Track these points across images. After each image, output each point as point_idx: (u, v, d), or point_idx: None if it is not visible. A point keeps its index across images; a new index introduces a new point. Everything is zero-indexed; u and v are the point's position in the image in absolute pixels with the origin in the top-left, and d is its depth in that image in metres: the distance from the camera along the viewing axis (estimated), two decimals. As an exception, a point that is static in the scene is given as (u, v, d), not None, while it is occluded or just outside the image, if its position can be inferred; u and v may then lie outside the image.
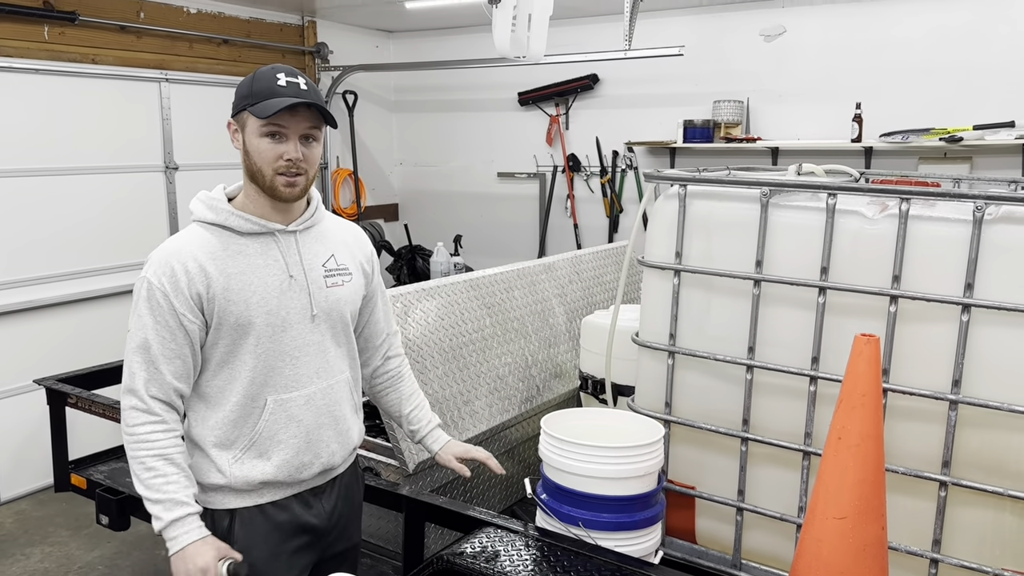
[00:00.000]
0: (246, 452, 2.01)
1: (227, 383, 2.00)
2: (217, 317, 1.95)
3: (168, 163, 5.46)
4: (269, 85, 1.94)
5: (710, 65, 5.97)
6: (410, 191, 7.63)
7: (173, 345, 1.93)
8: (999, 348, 2.24)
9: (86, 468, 3.56)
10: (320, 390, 2.09)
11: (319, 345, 2.08)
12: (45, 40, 4.85)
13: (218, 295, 1.93)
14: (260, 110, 1.92)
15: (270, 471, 2.02)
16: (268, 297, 1.99)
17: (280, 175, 1.95)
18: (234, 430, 2.01)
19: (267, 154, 1.94)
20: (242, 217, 1.99)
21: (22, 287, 4.77)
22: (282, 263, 2.02)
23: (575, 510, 2.36)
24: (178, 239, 1.99)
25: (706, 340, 2.68)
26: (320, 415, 2.09)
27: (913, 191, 2.28)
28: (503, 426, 3.24)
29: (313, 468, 2.09)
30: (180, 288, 1.91)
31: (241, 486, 2.02)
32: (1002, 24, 5.05)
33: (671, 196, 2.69)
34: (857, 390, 2.06)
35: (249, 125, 1.95)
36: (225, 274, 1.95)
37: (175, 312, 1.91)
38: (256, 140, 1.95)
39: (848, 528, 2.08)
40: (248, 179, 2.01)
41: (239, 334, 1.97)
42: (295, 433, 2.04)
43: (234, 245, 1.98)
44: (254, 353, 1.99)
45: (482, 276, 3.40)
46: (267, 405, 2.01)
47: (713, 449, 2.73)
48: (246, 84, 1.98)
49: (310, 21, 6.62)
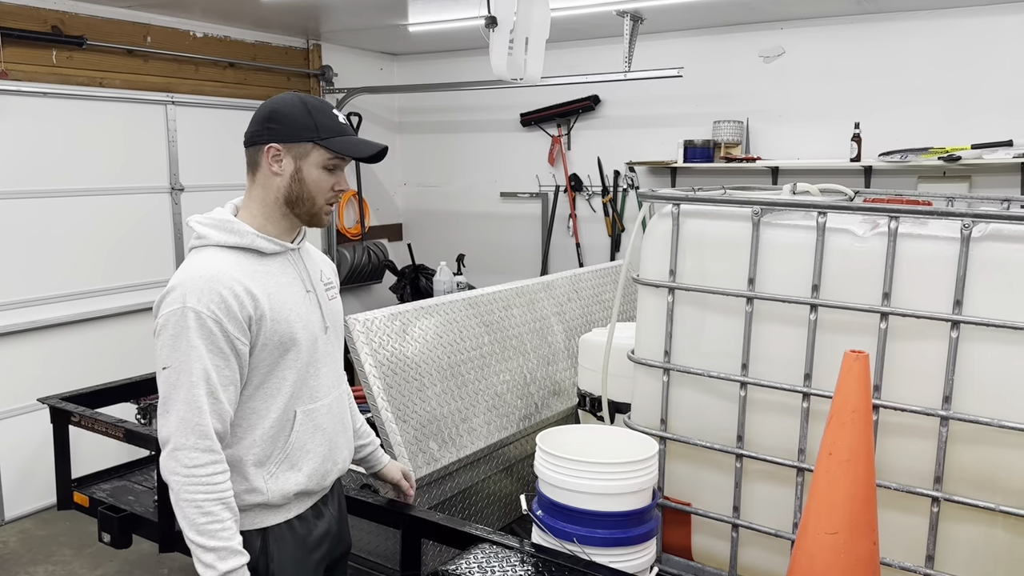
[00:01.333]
0: (280, 466, 2.03)
1: (266, 400, 2.01)
2: (263, 337, 1.96)
3: (174, 184, 5.53)
4: (334, 122, 2.04)
5: (710, 86, 6.03)
6: (414, 211, 7.69)
7: (228, 372, 1.91)
8: (989, 364, 2.26)
9: (89, 486, 3.59)
10: (336, 398, 2.18)
11: (332, 356, 2.18)
12: (53, 64, 4.94)
13: (265, 315, 1.95)
14: (343, 147, 2.01)
15: (302, 481, 2.06)
16: (302, 312, 2.05)
17: (327, 204, 2.08)
18: (270, 445, 2.02)
19: (324, 185, 2.04)
20: (266, 239, 2.03)
21: (29, 307, 4.83)
22: (299, 279, 2.10)
23: (570, 526, 2.38)
24: (209, 265, 1.94)
25: (700, 357, 2.70)
26: (336, 422, 2.17)
27: (901, 209, 2.31)
28: (501, 443, 3.26)
29: (333, 474, 2.18)
30: (233, 312, 1.89)
31: (278, 500, 2.03)
32: (1000, 44, 5.10)
33: (665, 215, 2.72)
34: (847, 406, 2.09)
35: (313, 157, 2.01)
36: (266, 294, 1.97)
37: (229, 338, 1.89)
38: (316, 171, 2.02)
39: (840, 543, 2.09)
40: (283, 202, 2.04)
41: (282, 351, 2.00)
42: (321, 441, 2.11)
43: (262, 266, 2.01)
44: (294, 368, 2.03)
45: (481, 294, 3.44)
46: (297, 416, 2.05)
47: (708, 466, 2.75)
48: (303, 114, 2.01)
49: (315, 45, 6.70)
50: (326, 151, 2.01)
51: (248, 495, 2.00)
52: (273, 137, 2.01)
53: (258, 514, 2.03)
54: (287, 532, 2.08)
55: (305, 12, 5.60)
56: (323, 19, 5.91)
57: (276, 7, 5.30)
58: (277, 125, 2.01)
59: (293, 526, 2.09)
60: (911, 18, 5.32)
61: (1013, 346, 2.21)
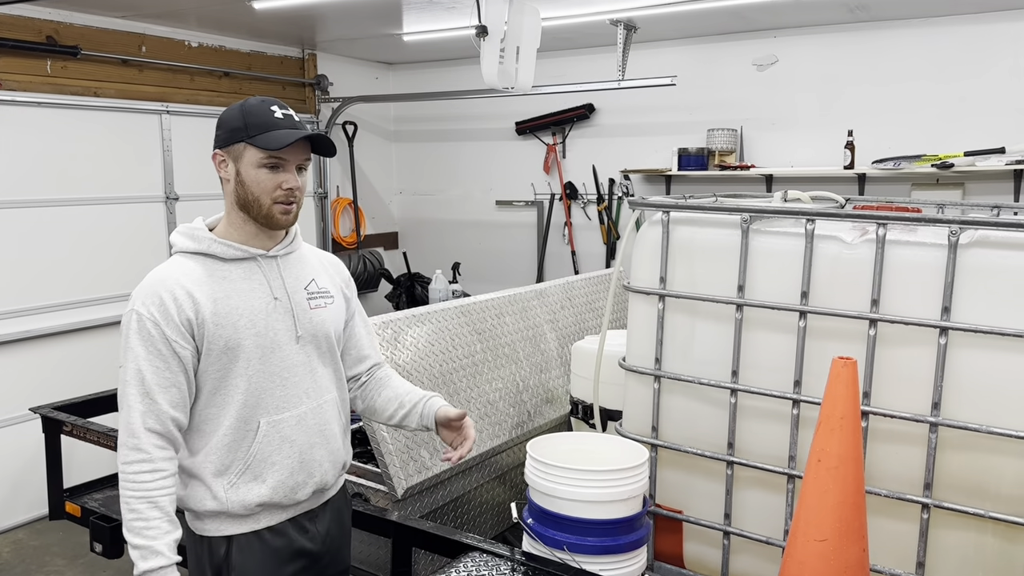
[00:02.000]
0: (241, 476, 2.03)
1: (220, 409, 2.02)
2: (207, 342, 1.98)
3: (169, 194, 5.54)
4: (267, 118, 2.01)
5: (704, 94, 6.05)
6: (409, 219, 7.70)
7: (167, 374, 1.95)
8: (977, 370, 2.26)
9: (81, 496, 3.58)
10: (310, 410, 2.12)
11: (307, 365, 2.12)
12: (48, 74, 4.95)
13: (207, 320, 1.97)
14: (265, 142, 1.98)
15: (266, 493, 2.04)
16: (255, 319, 2.02)
17: (278, 203, 2.03)
18: (228, 455, 2.02)
19: (266, 184, 2.01)
20: (224, 244, 2.04)
21: (22, 316, 4.82)
22: (266, 286, 2.07)
23: (560, 534, 2.38)
24: (161, 270, 2.02)
25: (691, 364, 2.71)
26: (312, 435, 2.12)
27: (889, 216, 2.32)
28: (494, 451, 3.26)
29: (307, 488, 2.12)
30: (170, 315, 1.94)
31: (238, 510, 2.03)
32: (993, 52, 5.12)
33: (655, 223, 2.73)
34: (836, 412, 2.09)
35: (247, 156, 2.01)
36: (212, 299, 1.98)
37: (167, 340, 1.94)
38: (254, 171, 2.01)
39: (829, 550, 2.09)
40: (237, 208, 2.06)
41: (229, 358, 2.00)
42: (288, 454, 2.07)
43: (218, 271, 2.03)
44: (245, 375, 2.01)
45: (473, 302, 3.44)
46: (260, 427, 2.03)
47: (700, 473, 2.74)
48: (236, 117, 2.04)
49: (310, 54, 6.72)
50: (255, 148, 2.00)
51: (208, 502, 2.02)
52: (216, 143, 2.06)
53: (222, 522, 2.04)
54: (255, 542, 2.06)
55: (300, 22, 5.62)
56: (318, 29, 5.93)
57: (271, 17, 5.32)
58: (219, 131, 2.06)
59: (263, 537, 2.07)
60: (904, 26, 5.34)
61: (1001, 352, 2.22)
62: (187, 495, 2.04)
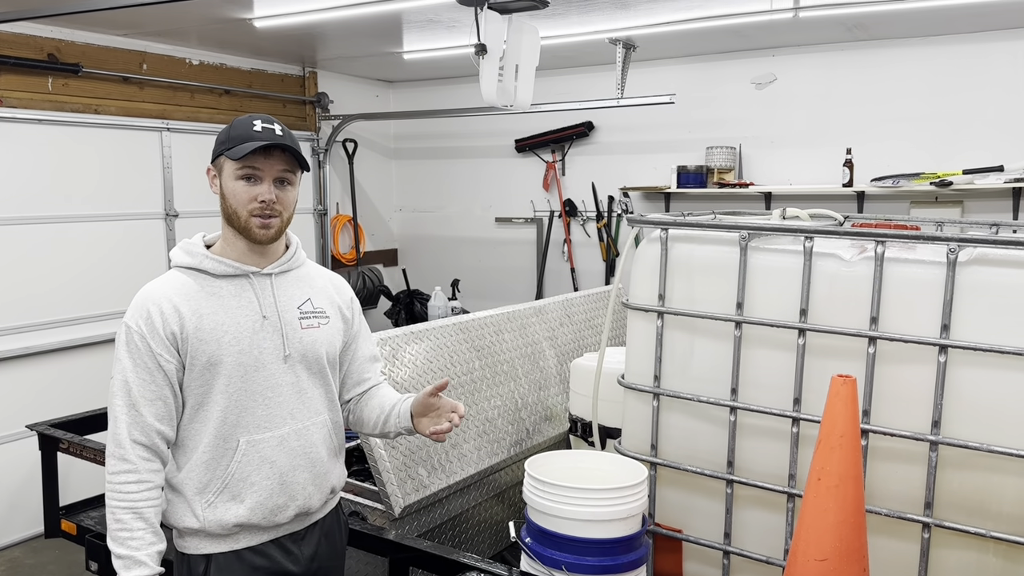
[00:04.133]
0: (219, 495, 2.00)
1: (201, 425, 2.01)
2: (190, 356, 1.98)
3: (169, 211, 5.55)
4: (246, 131, 2.02)
5: (703, 112, 6.07)
6: (409, 236, 7.70)
7: (153, 387, 1.95)
8: (977, 388, 2.25)
9: (77, 514, 3.55)
10: (294, 431, 2.08)
11: (294, 386, 2.08)
12: (49, 91, 4.97)
13: (191, 334, 1.97)
14: (235, 152, 1.99)
15: (244, 514, 2.01)
16: (240, 336, 2.01)
17: (255, 216, 2.01)
18: (207, 472, 2.01)
19: (242, 196, 2.01)
20: (216, 260, 2.05)
21: (21, 333, 4.81)
22: (256, 304, 2.06)
23: (559, 554, 2.36)
24: (153, 283, 2.05)
25: (690, 382, 2.69)
26: (294, 456, 2.07)
27: (888, 234, 2.32)
28: (492, 469, 3.24)
29: (288, 511, 2.07)
30: (155, 328, 1.96)
31: (215, 530, 2.01)
32: (991, 70, 5.14)
33: (654, 240, 2.73)
34: (835, 431, 2.08)
35: (226, 169, 2.03)
36: (197, 314, 1.99)
37: (152, 353, 1.95)
38: (232, 183, 2.02)
39: (830, 570, 2.07)
40: (225, 222, 2.08)
41: (211, 374, 1.99)
42: (268, 475, 2.03)
43: (209, 287, 2.03)
44: (225, 392, 2.00)
45: (472, 319, 3.43)
46: (239, 446, 2.01)
47: (699, 491, 2.73)
48: (224, 131, 2.08)
49: (311, 72, 6.75)
50: (230, 160, 2.01)
51: (187, 519, 2.01)
52: (211, 159, 2.09)
53: (200, 540, 2.03)
54: (235, 562, 2.04)
55: (301, 40, 5.65)
56: (319, 47, 5.96)
57: (272, 35, 5.35)
58: (214, 147, 2.09)
59: (243, 557, 2.05)
60: (902, 45, 5.37)
61: (1001, 370, 2.21)
62: (169, 511, 2.03)
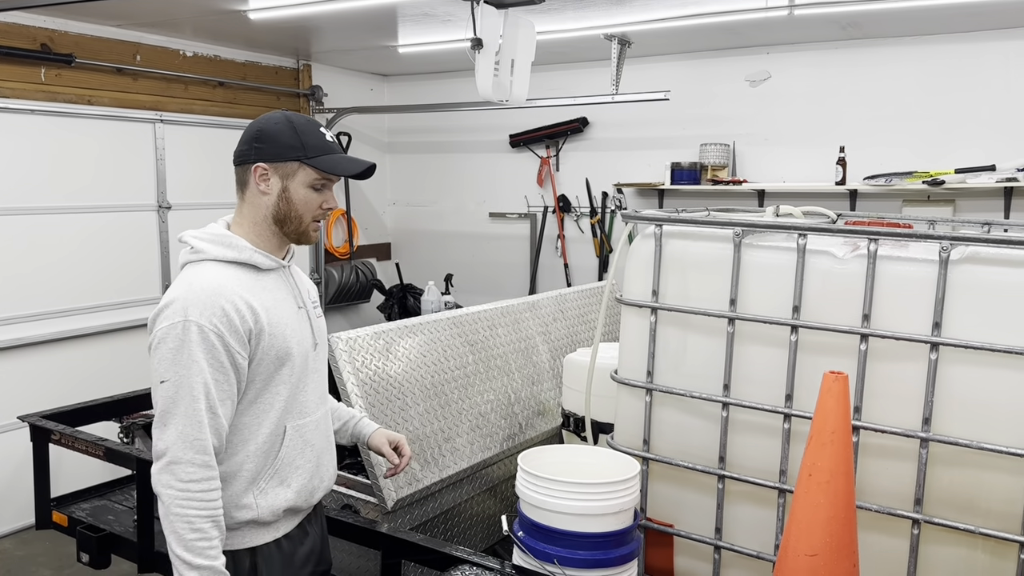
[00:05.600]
0: (270, 482, 2.02)
1: (259, 415, 2.00)
2: (261, 351, 1.96)
3: (161, 202, 5.52)
4: (321, 141, 2.04)
5: (697, 109, 6.08)
6: (403, 231, 7.70)
7: (227, 387, 1.91)
8: (968, 386, 2.27)
9: (68, 506, 3.54)
10: (323, 415, 2.18)
11: (321, 372, 2.19)
12: (42, 81, 4.94)
13: (264, 329, 1.95)
14: (330, 166, 2.02)
15: (291, 497, 2.05)
16: (296, 328, 2.06)
17: (315, 221, 2.08)
18: (262, 461, 2.01)
19: (312, 203, 2.05)
20: (263, 255, 2.04)
21: (13, 324, 4.79)
22: (291, 295, 2.11)
23: (550, 547, 2.37)
24: (210, 279, 1.93)
25: (683, 377, 2.70)
26: (323, 439, 2.17)
27: (881, 232, 2.33)
28: (485, 463, 3.25)
29: (320, 492, 2.17)
30: (235, 326, 1.90)
31: (267, 517, 2.02)
32: (984, 70, 5.16)
33: (648, 236, 2.73)
34: (827, 427, 2.09)
35: (300, 175, 2.02)
36: (264, 308, 1.98)
37: (231, 352, 1.89)
38: (303, 190, 2.03)
39: (820, 565, 2.09)
40: (271, 221, 2.05)
41: (277, 365, 2.00)
42: (310, 458, 2.10)
43: (259, 281, 2.02)
44: (288, 382, 2.02)
45: (465, 313, 3.43)
46: (287, 432, 2.04)
47: (691, 486, 2.74)
48: (289, 133, 2.01)
49: (305, 65, 6.73)
50: (313, 170, 2.02)
51: (239, 512, 1.98)
52: (260, 157, 2.01)
53: (248, 532, 2.02)
54: (275, 551, 2.06)
55: (295, 32, 5.63)
56: (313, 39, 5.94)
57: (266, 27, 5.33)
58: (264, 145, 2.02)
59: (281, 545, 2.08)
60: (896, 44, 5.38)
61: (992, 368, 2.23)
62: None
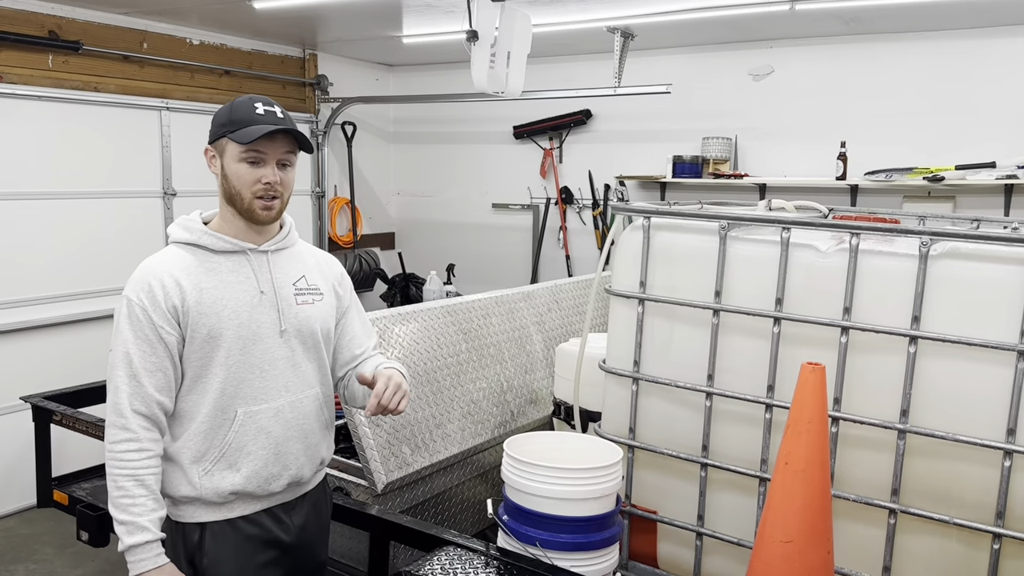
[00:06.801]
0: (216, 464, 2.08)
1: (200, 396, 2.07)
2: (191, 329, 2.03)
3: (167, 189, 5.59)
4: (248, 114, 2.07)
5: (700, 103, 6.10)
6: (407, 220, 7.75)
7: (154, 358, 2.01)
8: (945, 379, 2.31)
9: (69, 485, 3.62)
10: (289, 403, 2.16)
11: (289, 360, 2.16)
12: (49, 68, 5.00)
13: (192, 308, 2.03)
14: (241, 136, 2.04)
15: (239, 482, 2.09)
16: (239, 311, 2.08)
17: (258, 198, 2.08)
18: (205, 442, 2.08)
19: (246, 178, 2.07)
20: (214, 236, 2.10)
21: (21, 307, 4.87)
22: (253, 280, 2.12)
23: (533, 530, 2.42)
24: (153, 258, 2.10)
25: (669, 367, 2.75)
26: (288, 428, 2.16)
27: (863, 226, 2.36)
28: (475, 449, 3.30)
29: (282, 480, 2.16)
30: (157, 301, 2.01)
31: (212, 497, 2.08)
32: (986, 67, 5.16)
33: (637, 228, 2.77)
34: (803, 416, 2.14)
35: (229, 151, 2.08)
36: (198, 288, 2.04)
37: (154, 325, 2.00)
38: (235, 165, 2.07)
39: (794, 552, 2.13)
40: (225, 202, 2.13)
41: (210, 347, 2.05)
42: (264, 444, 2.11)
43: (208, 262, 2.09)
44: (224, 365, 2.07)
45: (459, 302, 3.48)
46: (237, 417, 2.08)
47: (675, 474, 2.79)
48: (224, 113, 2.11)
49: (311, 54, 6.77)
50: (234, 143, 2.06)
51: (183, 488, 2.07)
52: (209, 140, 2.14)
53: (195, 508, 2.09)
54: (228, 530, 2.11)
55: (301, 22, 5.68)
56: (319, 29, 5.99)
57: (272, 16, 5.37)
58: (211, 127, 2.13)
59: (237, 526, 2.12)
60: (899, 39, 5.39)
61: (969, 362, 2.26)
62: (165, 481, 2.08)
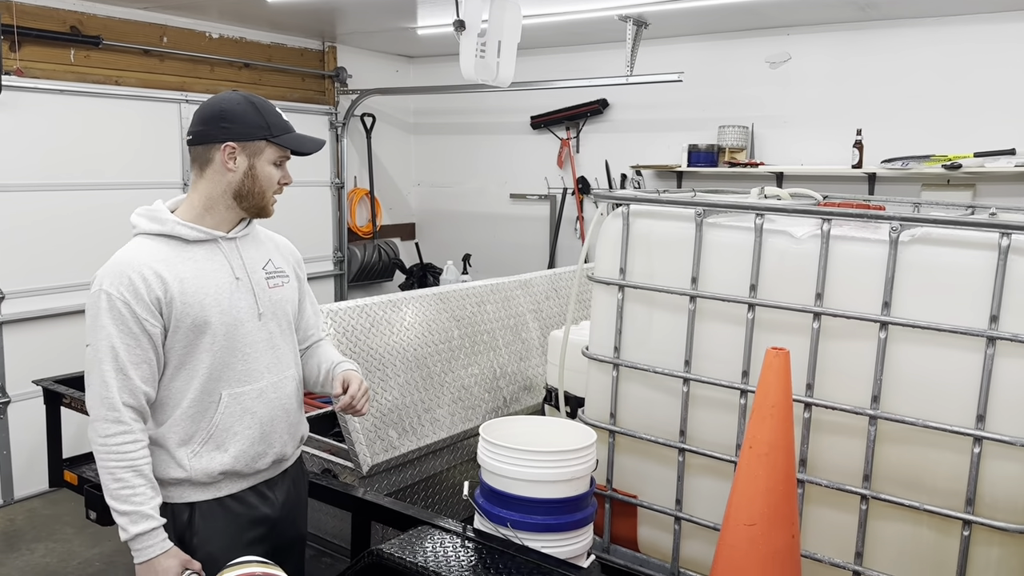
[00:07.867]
0: (204, 445, 2.15)
1: (185, 382, 2.14)
2: (175, 319, 2.10)
3: (186, 180, 5.72)
4: (280, 120, 2.22)
5: (716, 91, 6.06)
6: (427, 211, 7.82)
7: (139, 351, 2.07)
8: (915, 365, 2.29)
9: (79, 466, 3.74)
10: (271, 384, 2.25)
11: (268, 342, 2.25)
12: (71, 63, 5.15)
13: (175, 298, 2.09)
14: (296, 144, 2.20)
15: (228, 461, 2.17)
16: (220, 297, 2.15)
17: (274, 196, 2.24)
18: (192, 425, 2.15)
19: (274, 179, 2.22)
20: (188, 226, 2.17)
21: (45, 295, 5.04)
22: (227, 266, 2.19)
23: (506, 511, 2.46)
24: (126, 251, 2.13)
25: (648, 353, 2.76)
26: (272, 408, 2.25)
27: (833, 212, 2.36)
28: (465, 435, 3.35)
29: (267, 458, 2.25)
30: (139, 294, 2.05)
31: (201, 478, 2.16)
32: (1005, 52, 5.06)
33: (616, 215, 2.79)
34: (767, 401, 2.15)
35: (267, 153, 2.18)
36: (179, 278, 2.11)
37: (138, 318, 2.05)
38: (269, 167, 2.19)
39: (758, 534, 2.15)
40: (229, 196, 2.19)
41: (196, 334, 2.12)
42: (250, 424, 2.20)
43: (183, 252, 2.15)
44: (210, 351, 2.14)
45: (452, 290, 3.53)
46: (222, 399, 2.15)
47: (654, 459, 2.80)
48: (254, 113, 2.17)
49: (330, 47, 6.87)
50: (278, 148, 2.17)
51: (172, 471, 2.14)
52: (228, 136, 2.15)
53: (185, 489, 2.16)
54: (217, 509, 2.19)
55: (318, 15, 5.76)
56: (337, 21, 6.06)
57: (289, 10, 5.46)
58: (231, 124, 2.15)
59: (225, 504, 2.20)
60: (916, 25, 5.30)
61: (938, 348, 2.24)
62: (153, 464, 2.14)
